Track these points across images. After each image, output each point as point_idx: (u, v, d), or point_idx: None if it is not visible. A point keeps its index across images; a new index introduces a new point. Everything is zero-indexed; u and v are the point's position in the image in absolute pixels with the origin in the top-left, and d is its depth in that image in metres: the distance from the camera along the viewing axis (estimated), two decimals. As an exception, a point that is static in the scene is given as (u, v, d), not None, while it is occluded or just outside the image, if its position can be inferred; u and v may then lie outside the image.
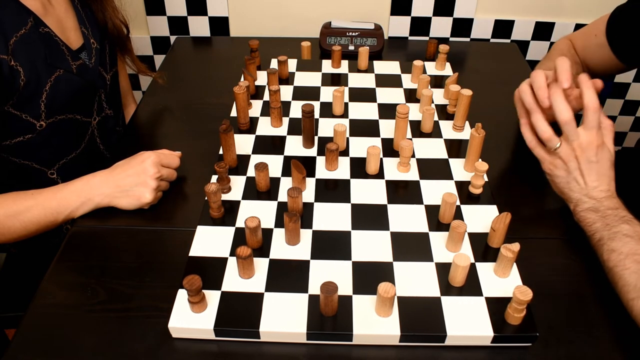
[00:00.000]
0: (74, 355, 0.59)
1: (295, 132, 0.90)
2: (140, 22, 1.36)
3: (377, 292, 0.58)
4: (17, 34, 0.76)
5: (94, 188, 0.75)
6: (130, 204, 0.75)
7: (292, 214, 0.67)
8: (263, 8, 1.33)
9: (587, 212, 0.69)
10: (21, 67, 0.76)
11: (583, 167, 0.72)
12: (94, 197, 0.75)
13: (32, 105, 0.80)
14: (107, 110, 0.96)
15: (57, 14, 0.85)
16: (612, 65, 0.93)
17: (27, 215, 0.74)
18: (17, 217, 0.73)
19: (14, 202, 0.74)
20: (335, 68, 1.09)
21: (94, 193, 0.75)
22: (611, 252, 0.63)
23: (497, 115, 0.97)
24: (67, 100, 0.85)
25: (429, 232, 0.71)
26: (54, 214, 0.74)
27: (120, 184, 0.75)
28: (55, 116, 0.83)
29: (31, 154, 0.85)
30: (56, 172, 0.89)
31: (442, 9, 1.31)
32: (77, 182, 0.76)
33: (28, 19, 0.78)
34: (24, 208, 0.73)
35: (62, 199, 0.74)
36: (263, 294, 0.63)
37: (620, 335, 0.61)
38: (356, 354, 0.60)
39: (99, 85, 0.92)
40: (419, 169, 0.82)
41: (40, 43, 0.79)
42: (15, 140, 0.82)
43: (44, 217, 0.74)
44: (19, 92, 0.77)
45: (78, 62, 0.86)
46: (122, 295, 0.65)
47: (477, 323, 0.60)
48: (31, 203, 0.74)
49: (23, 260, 1.00)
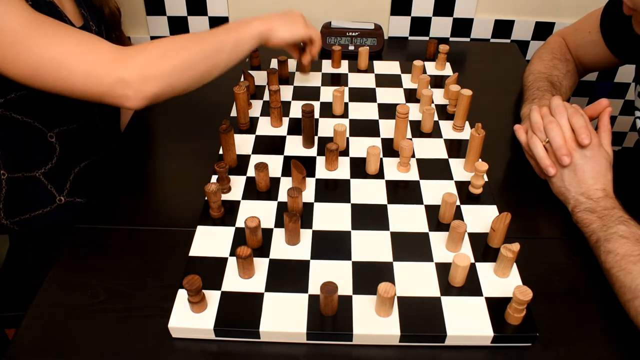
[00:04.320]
0: (74, 355, 0.59)
1: (295, 132, 0.90)
2: (140, 22, 1.36)
3: (377, 292, 0.58)
4: None
5: (251, 18, 0.84)
6: (288, 31, 0.86)
7: (292, 214, 0.67)
8: (263, 8, 1.32)
9: (585, 212, 0.70)
10: None
11: (578, 163, 0.72)
12: (253, 23, 0.83)
13: None
14: None
15: None
16: (607, 61, 0.93)
17: (197, 47, 0.77)
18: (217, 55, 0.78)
19: (170, 42, 0.76)
20: (335, 68, 1.09)
21: (253, 20, 0.83)
22: (608, 254, 0.64)
23: (497, 115, 0.97)
24: None
25: (429, 232, 0.71)
26: (218, 46, 0.79)
27: (275, 16, 0.86)
28: None
29: (33, 111, 0.84)
30: (55, 136, 0.88)
31: (442, 9, 1.31)
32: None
33: None
34: (191, 41, 0.77)
35: (224, 29, 0.80)
36: (263, 294, 0.63)
37: (620, 336, 0.61)
38: (356, 354, 0.60)
39: None
40: (419, 169, 0.82)
41: (47, 9, 0.79)
42: (20, 92, 0.80)
43: (214, 46, 0.78)
44: None
45: None
46: (122, 295, 0.65)
47: (477, 323, 0.60)
48: (187, 41, 0.77)
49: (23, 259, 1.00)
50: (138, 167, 0.87)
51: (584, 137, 0.71)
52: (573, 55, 0.97)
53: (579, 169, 0.72)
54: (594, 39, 0.92)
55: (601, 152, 0.73)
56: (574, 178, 0.72)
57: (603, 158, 0.72)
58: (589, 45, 0.94)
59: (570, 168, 0.73)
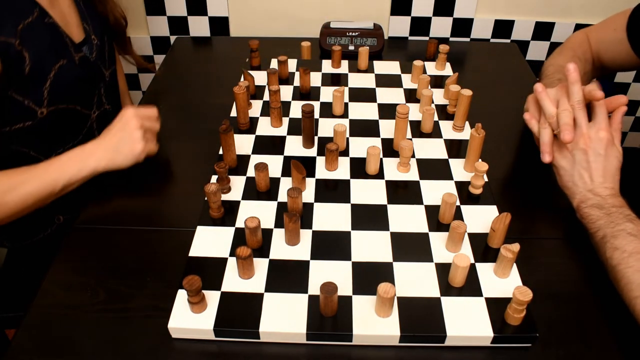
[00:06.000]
0: (74, 355, 0.59)
1: (295, 132, 0.90)
2: (140, 22, 1.36)
3: (376, 293, 0.58)
4: (25, 22, 0.76)
5: (87, 153, 0.77)
6: (125, 160, 0.77)
7: (292, 214, 0.67)
8: (263, 8, 1.32)
9: (592, 208, 0.69)
10: (27, 52, 0.76)
11: (591, 159, 0.72)
12: (88, 162, 0.76)
13: (36, 91, 0.80)
14: (106, 105, 0.97)
15: (61, 8, 0.86)
16: (628, 61, 0.91)
17: (24, 188, 0.73)
18: (13, 191, 0.73)
19: (8, 178, 0.73)
20: (335, 68, 1.09)
21: (88, 158, 0.76)
22: (614, 250, 0.63)
23: (497, 115, 0.97)
24: (69, 90, 0.85)
25: (428, 233, 0.71)
26: (52, 184, 0.75)
27: (110, 144, 0.77)
28: (57, 105, 0.84)
29: (29, 141, 0.85)
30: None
31: (442, 9, 1.31)
32: (69, 152, 0.77)
33: (34, 9, 0.79)
34: (19, 182, 0.73)
35: (57, 168, 0.75)
36: (263, 294, 0.63)
37: (620, 336, 0.61)
38: (356, 354, 0.60)
39: (99, 79, 0.93)
40: (419, 169, 0.82)
41: (46, 32, 0.80)
42: (15, 126, 0.82)
43: (42, 188, 0.74)
44: (24, 77, 0.77)
45: (80, 54, 0.87)
46: (122, 295, 0.65)
47: (477, 323, 0.60)
48: (26, 176, 0.74)
49: (23, 260, 1.00)
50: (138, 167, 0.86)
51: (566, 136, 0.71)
52: (593, 52, 0.96)
53: (591, 164, 0.72)
54: (618, 37, 0.90)
55: (614, 151, 0.72)
56: (584, 173, 0.72)
57: (615, 158, 0.72)
58: (612, 42, 0.92)
59: (582, 163, 0.72)
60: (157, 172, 0.85)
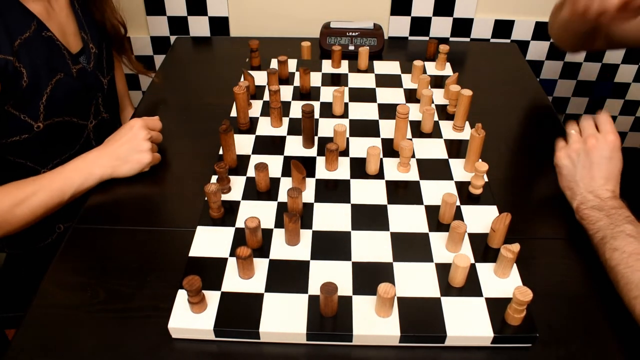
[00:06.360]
0: (74, 355, 0.59)
1: (295, 132, 0.90)
2: (140, 22, 1.36)
3: (377, 293, 0.58)
4: (22, 37, 0.77)
5: (93, 162, 0.78)
6: (131, 169, 0.79)
7: (292, 214, 0.67)
8: (263, 8, 1.32)
9: (592, 210, 0.69)
10: (24, 68, 0.77)
11: (595, 160, 0.72)
12: (94, 171, 0.77)
13: (32, 106, 0.80)
14: (104, 114, 0.97)
15: (58, 18, 0.86)
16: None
17: (34, 200, 0.75)
18: (24, 204, 0.74)
19: (18, 190, 0.74)
20: (335, 68, 1.09)
21: (94, 166, 0.77)
22: (614, 251, 0.63)
23: (497, 115, 0.97)
24: (66, 103, 0.85)
25: (429, 233, 0.71)
26: (60, 194, 0.76)
27: (117, 153, 0.78)
28: (53, 118, 0.84)
29: (26, 153, 0.86)
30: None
31: (442, 9, 1.31)
32: (74, 161, 0.78)
33: (32, 23, 0.79)
34: (29, 193, 0.74)
35: (65, 178, 0.76)
36: (263, 294, 0.63)
37: (620, 336, 0.61)
38: (356, 354, 0.60)
39: (97, 88, 0.93)
40: (419, 169, 0.82)
41: (43, 46, 0.80)
42: (10, 139, 0.82)
43: (50, 199, 0.76)
44: (21, 93, 0.77)
45: (78, 66, 0.87)
46: (122, 295, 0.65)
47: (477, 324, 0.60)
48: (35, 188, 0.75)
49: (23, 260, 1.00)
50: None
51: None
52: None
53: (595, 166, 0.72)
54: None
55: (619, 156, 0.73)
56: (587, 174, 0.72)
57: (619, 162, 0.73)
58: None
59: (586, 164, 0.72)
60: (157, 172, 0.85)
